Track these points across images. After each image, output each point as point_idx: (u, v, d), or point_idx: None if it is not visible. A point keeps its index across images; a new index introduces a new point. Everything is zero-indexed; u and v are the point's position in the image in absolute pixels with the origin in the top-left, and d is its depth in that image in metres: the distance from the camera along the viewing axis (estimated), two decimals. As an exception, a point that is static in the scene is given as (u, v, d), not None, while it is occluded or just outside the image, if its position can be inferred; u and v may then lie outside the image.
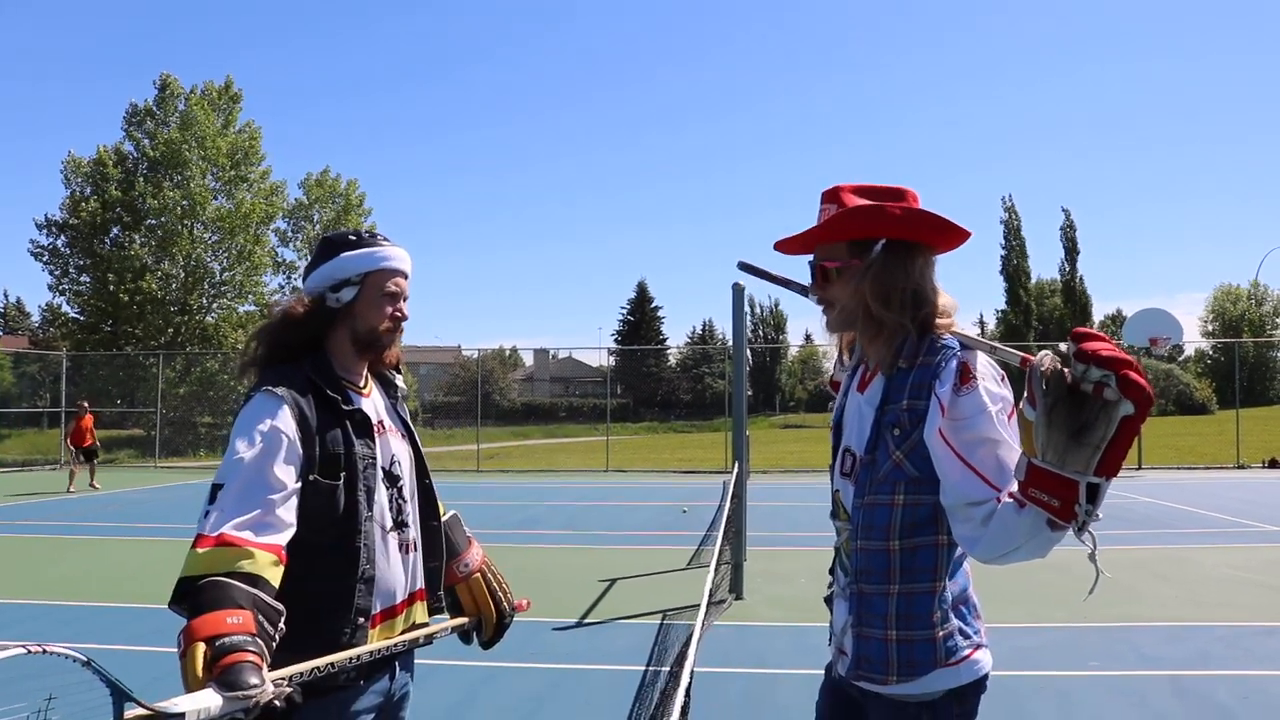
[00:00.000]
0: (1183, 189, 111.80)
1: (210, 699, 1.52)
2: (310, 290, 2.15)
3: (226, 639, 1.62)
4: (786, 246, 2.06)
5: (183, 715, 1.48)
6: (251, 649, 1.63)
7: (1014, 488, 1.69)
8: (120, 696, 1.45)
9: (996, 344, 1.89)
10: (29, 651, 1.36)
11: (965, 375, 1.79)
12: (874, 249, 1.87)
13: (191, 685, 1.58)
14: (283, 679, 1.70)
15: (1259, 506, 14.18)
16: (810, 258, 2.02)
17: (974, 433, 1.75)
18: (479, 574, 2.42)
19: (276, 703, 1.61)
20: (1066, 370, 1.53)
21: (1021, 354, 1.86)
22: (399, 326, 2.22)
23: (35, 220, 33.97)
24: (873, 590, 1.89)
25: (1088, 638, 6.40)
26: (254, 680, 1.58)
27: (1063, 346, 1.55)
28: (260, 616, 1.71)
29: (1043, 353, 1.58)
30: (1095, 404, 1.50)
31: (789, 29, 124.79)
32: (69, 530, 12.52)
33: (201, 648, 1.60)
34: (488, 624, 2.42)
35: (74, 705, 1.42)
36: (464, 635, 2.38)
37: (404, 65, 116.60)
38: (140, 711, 1.45)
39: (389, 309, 2.17)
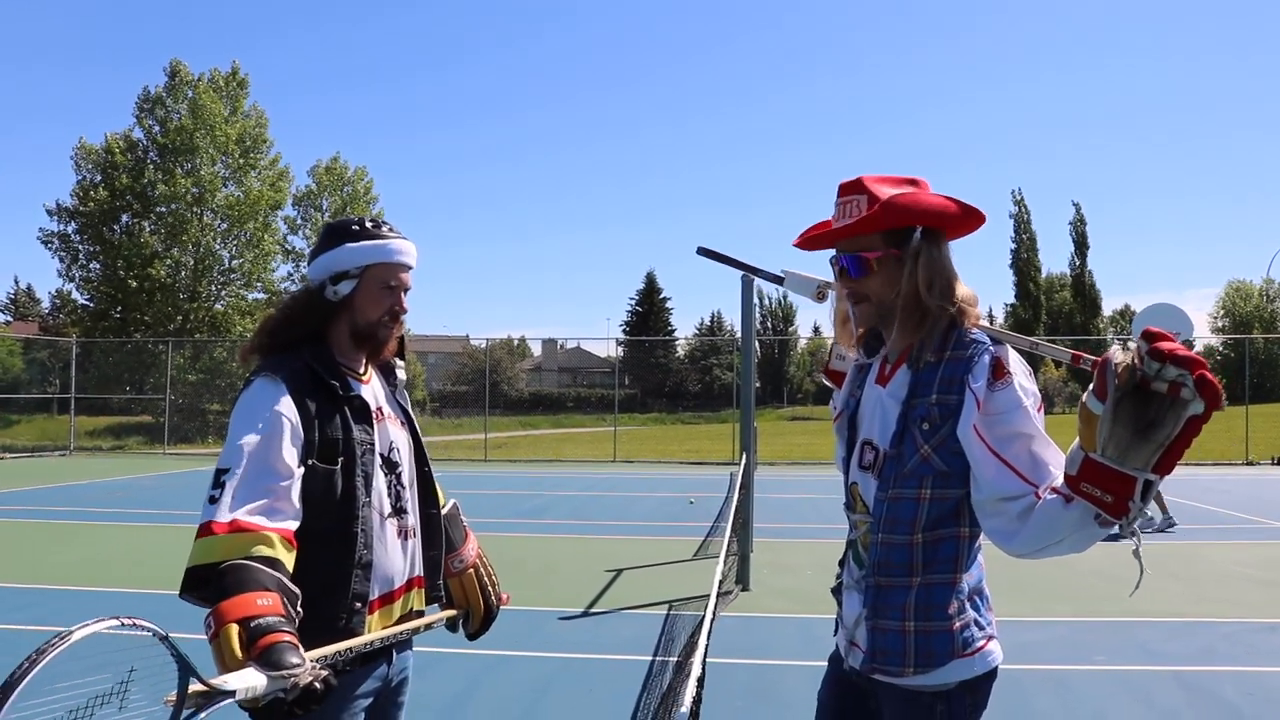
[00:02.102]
0: (1193, 184, 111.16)
1: (256, 678, 1.56)
2: (312, 278, 2.17)
3: (261, 620, 1.64)
4: (806, 242, 2.05)
5: (234, 692, 1.53)
6: (286, 629, 1.66)
7: (1056, 482, 1.70)
8: (185, 671, 1.50)
9: (1038, 340, 1.89)
10: (122, 624, 1.44)
11: (999, 370, 1.80)
12: (913, 237, 1.87)
13: (230, 666, 1.60)
14: (316, 660, 1.72)
15: (1267, 503, 14.15)
16: (832, 253, 2.01)
17: (1008, 428, 1.76)
18: (472, 569, 2.43)
19: (316, 684, 1.63)
20: (1138, 366, 1.53)
21: (1073, 351, 1.87)
22: (397, 320, 2.22)
23: (45, 207, 34.00)
24: (891, 583, 1.89)
25: (1093, 632, 6.40)
26: (294, 660, 1.61)
27: (1131, 344, 1.56)
28: (284, 598, 1.74)
29: (1114, 347, 1.58)
30: (1164, 402, 1.51)
31: (799, 22, 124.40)
32: (79, 516, 12.59)
33: (235, 629, 1.63)
34: (475, 616, 2.44)
35: (149, 676, 1.49)
36: (450, 625, 2.41)
37: (413, 53, 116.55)
38: (200, 686, 1.50)
39: (387, 303, 2.17)
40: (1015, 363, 1.83)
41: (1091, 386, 1.60)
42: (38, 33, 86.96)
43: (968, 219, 1.92)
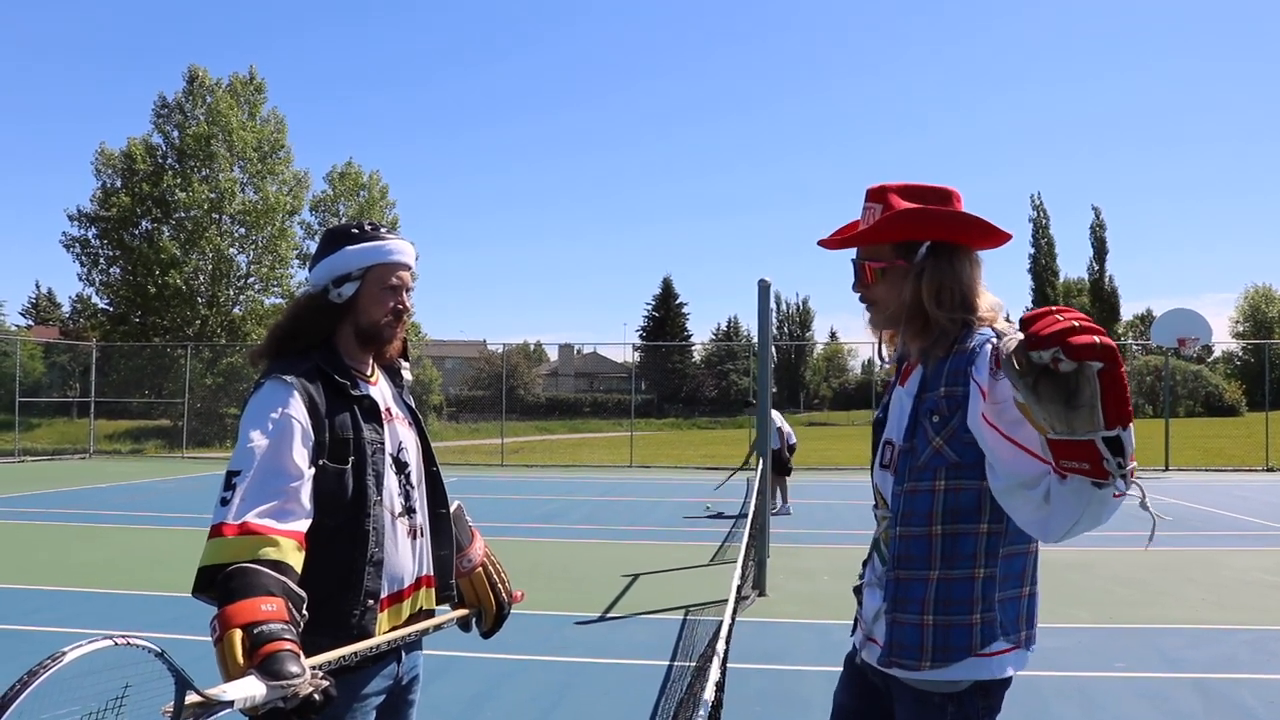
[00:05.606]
0: (1211, 188, 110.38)
1: (255, 687, 1.56)
2: (314, 283, 2.21)
3: (264, 627, 1.65)
4: (829, 242, 2.10)
5: (231, 703, 1.53)
6: (288, 637, 1.66)
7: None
8: (182, 685, 1.51)
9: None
10: (115, 644, 1.44)
11: (999, 359, 1.81)
12: (920, 251, 1.92)
13: (232, 672, 1.61)
14: (318, 669, 1.73)
15: (1289, 510, 14.00)
16: (853, 255, 2.06)
17: (1016, 413, 1.76)
18: (480, 568, 2.46)
19: (315, 695, 1.64)
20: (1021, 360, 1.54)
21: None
22: (401, 319, 2.26)
23: (67, 212, 34.30)
24: (910, 576, 1.91)
25: (1113, 639, 6.36)
26: (295, 669, 1.62)
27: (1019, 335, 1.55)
28: (289, 603, 1.75)
29: (1005, 339, 1.58)
30: (1067, 374, 1.49)
31: (815, 26, 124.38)
32: (98, 519, 12.69)
33: (239, 634, 1.64)
34: (487, 615, 2.46)
35: (144, 692, 1.49)
36: (463, 624, 2.43)
37: (430, 58, 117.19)
38: (196, 698, 1.50)
39: (390, 303, 2.21)
40: None
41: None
42: (58, 36, 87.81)
43: (987, 236, 1.95)
